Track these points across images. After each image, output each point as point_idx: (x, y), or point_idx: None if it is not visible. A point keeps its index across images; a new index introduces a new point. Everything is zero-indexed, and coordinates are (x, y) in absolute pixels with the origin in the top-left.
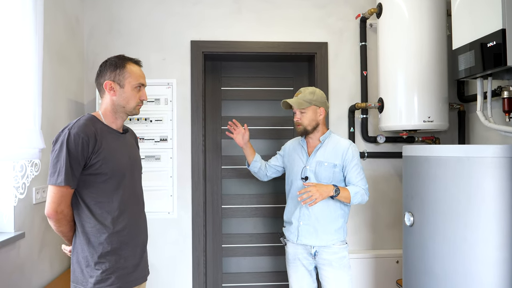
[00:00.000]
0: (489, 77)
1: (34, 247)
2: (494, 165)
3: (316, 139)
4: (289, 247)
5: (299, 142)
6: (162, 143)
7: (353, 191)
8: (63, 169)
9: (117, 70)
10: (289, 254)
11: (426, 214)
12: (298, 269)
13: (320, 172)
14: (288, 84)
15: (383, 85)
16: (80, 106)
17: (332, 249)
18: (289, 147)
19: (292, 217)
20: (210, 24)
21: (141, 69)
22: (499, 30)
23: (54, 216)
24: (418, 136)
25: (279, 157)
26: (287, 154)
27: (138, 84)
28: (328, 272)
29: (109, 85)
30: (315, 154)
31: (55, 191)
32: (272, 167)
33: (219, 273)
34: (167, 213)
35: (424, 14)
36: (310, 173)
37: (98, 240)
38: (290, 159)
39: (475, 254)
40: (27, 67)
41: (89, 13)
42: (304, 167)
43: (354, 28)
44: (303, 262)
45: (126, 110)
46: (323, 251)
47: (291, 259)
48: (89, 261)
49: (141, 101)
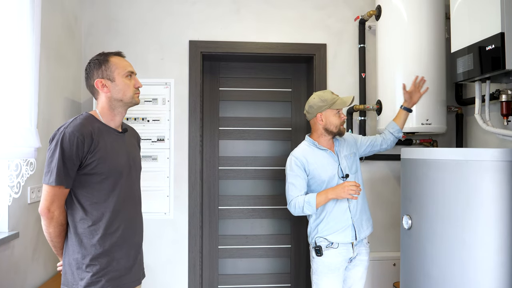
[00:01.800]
0: (487, 81)
1: (29, 247)
2: (493, 168)
3: (330, 140)
4: (330, 256)
5: (313, 146)
6: (159, 143)
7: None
8: (55, 169)
9: (102, 66)
10: (331, 263)
11: (424, 217)
12: (339, 278)
13: (351, 166)
14: (286, 85)
15: (381, 88)
16: (77, 105)
17: (367, 248)
18: (304, 155)
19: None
20: (209, 24)
21: (125, 59)
22: (498, 34)
23: (45, 214)
24: (416, 139)
25: (299, 172)
26: (309, 163)
27: (128, 73)
28: (359, 273)
29: (100, 83)
30: (340, 151)
31: (48, 190)
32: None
33: (215, 275)
34: (163, 213)
35: (423, 17)
36: (346, 170)
37: (91, 241)
38: (318, 166)
39: (473, 258)
40: (23, 65)
41: (88, 11)
42: (339, 165)
43: (353, 30)
44: (342, 269)
45: (125, 103)
46: (362, 252)
47: (333, 269)
48: (80, 263)
49: (137, 88)
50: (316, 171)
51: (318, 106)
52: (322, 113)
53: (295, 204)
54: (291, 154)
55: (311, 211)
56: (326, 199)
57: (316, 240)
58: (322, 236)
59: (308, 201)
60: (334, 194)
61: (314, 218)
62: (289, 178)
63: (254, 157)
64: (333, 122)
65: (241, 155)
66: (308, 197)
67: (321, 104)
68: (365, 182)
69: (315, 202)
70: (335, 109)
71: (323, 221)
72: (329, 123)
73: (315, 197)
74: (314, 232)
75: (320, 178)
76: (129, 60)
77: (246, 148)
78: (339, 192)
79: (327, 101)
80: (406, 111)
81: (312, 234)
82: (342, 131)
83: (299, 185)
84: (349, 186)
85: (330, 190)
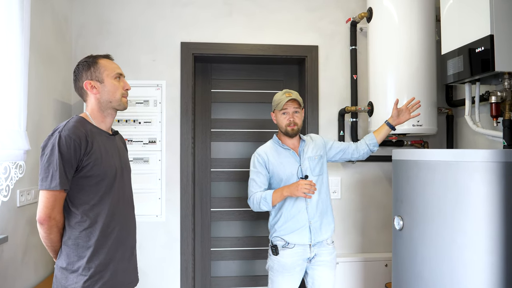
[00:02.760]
0: (477, 82)
1: (18, 251)
2: (483, 169)
3: (296, 140)
4: (286, 255)
5: (277, 145)
6: (150, 145)
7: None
8: (57, 173)
9: (91, 68)
10: (286, 263)
11: (416, 218)
12: (294, 277)
13: (314, 168)
14: (278, 87)
15: (373, 89)
16: (67, 107)
17: (328, 249)
18: (266, 152)
19: (299, 218)
20: (201, 26)
21: (113, 61)
22: (487, 36)
23: (47, 222)
24: (407, 140)
25: (261, 169)
26: (270, 161)
27: (116, 74)
28: (323, 273)
29: (89, 84)
30: (304, 152)
31: (48, 196)
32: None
33: (207, 277)
34: (155, 216)
35: (413, 19)
36: (307, 171)
37: (87, 244)
38: (277, 164)
39: (463, 259)
40: (12, 67)
41: (78, 13)
42: (299, 166)
43: (344, 32)
44: (299, 268)
45: (113, 105)
46: (322, 252)
47: (288, 268)
48: (75, 266)
49: (125, 91)
50: (276, 169)
51: (272, 106)
52: (274, 112)
53: (254, 199)
54: (255, 151)
55: (268, 208)
56: (282, 196)
57: (273, 240)
58: (279, 236)
59: (264, 197)
60: (288, 192)
61: (273, 216)
62: (251, 174)
63: (246, 158)
64: (280, 122)
65: (233, 157)
66: (265, 194)
67: (273, 104)
68: (357, 183)
69: (271, 199)
70: (280, 110)
71: (280, 220)
72: (278, 123)
73: (271, 194)
74: (272, 230)
75: (278, 176)
76: (120, 61)
77: (238, 150)
78: (293, 190)
79: (274, 102)
80: (389, 127)
81: (270, 232)
82: (289, 132)
83: (260, 182)
84: (303, 185)
85: (286, 187)
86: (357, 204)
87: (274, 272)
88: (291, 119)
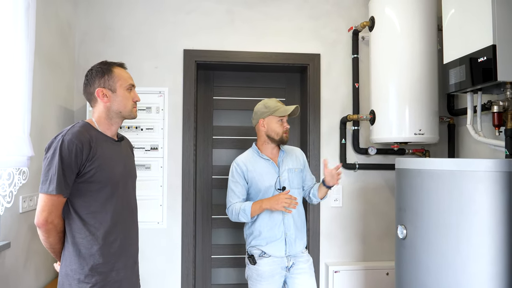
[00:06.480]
0: (479, 92)
1: (20, 258)
2: (487, 179)
3: (276, 150)
4: (263, 264)
5: (256, 154)
6: (152, 152)
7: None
8: (55, 177)
9: (105, 76)
10: (264, 272)
11: (419, 227)
12: (273, 286)
13: (293, 180)
14: (280, 95)
15: (374, 98)
16: (70, 113)
17: (303, 256)
18: (245, 162)
19: (275, 230)
20: (203, 33)
21: (127, 71)
22: (490, 46)
23: (44, 226)
24: (409, 149)
25: (239, 179)
26: (249, 171)
27: (129, 86)
28: (305, 281)
29: (101, 92)
30: (283, 163)
31: (46, 199)
32: (243, 196)
33: (208, 285)
34: (156, 223)
35: (415, 28)
36: (285, 182)
37: (89, 251)
38: (256, 175)
39: (468, 268)
40: (17, 72)
41: (82, 19)
42: (278, 177)
43: (346, 40)
44: (278, 277)
45: (123, 115)
46: (299, 261)
47: (266, 277)
48: (78, 274)
49: (134, 102)
50: (254, 180)
51: (261, 112)
52: (265, 119)
53: (232, 210)
54: (234, 161)
55: (246, 219)
56: (261, 209)
57: (249, 250)
58: (255, 246)
59: (243, 209)
60: (268, 205)
61: (248, 225)
62: (229, 184)
63: None
64: (275, 129)
65: None
66: (244, 205)
67: (264, 110)
68: (359, 191)
69: (250, 211)
70: (277, 117)
71: (256, 231)
72: (271, 130)
73: (250, 206)
74: (249, 240)
75: (257, 187)
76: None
77: None
78: (273, 203)
79: (270, 108)
80: (325, 186)
81: (247, 241)
82: (284, 139)
83: (238, 192)
84: (284, 199)
85: (266, 200)
86: (358, 212)
87: (253, 281)
88: (287, 126)
